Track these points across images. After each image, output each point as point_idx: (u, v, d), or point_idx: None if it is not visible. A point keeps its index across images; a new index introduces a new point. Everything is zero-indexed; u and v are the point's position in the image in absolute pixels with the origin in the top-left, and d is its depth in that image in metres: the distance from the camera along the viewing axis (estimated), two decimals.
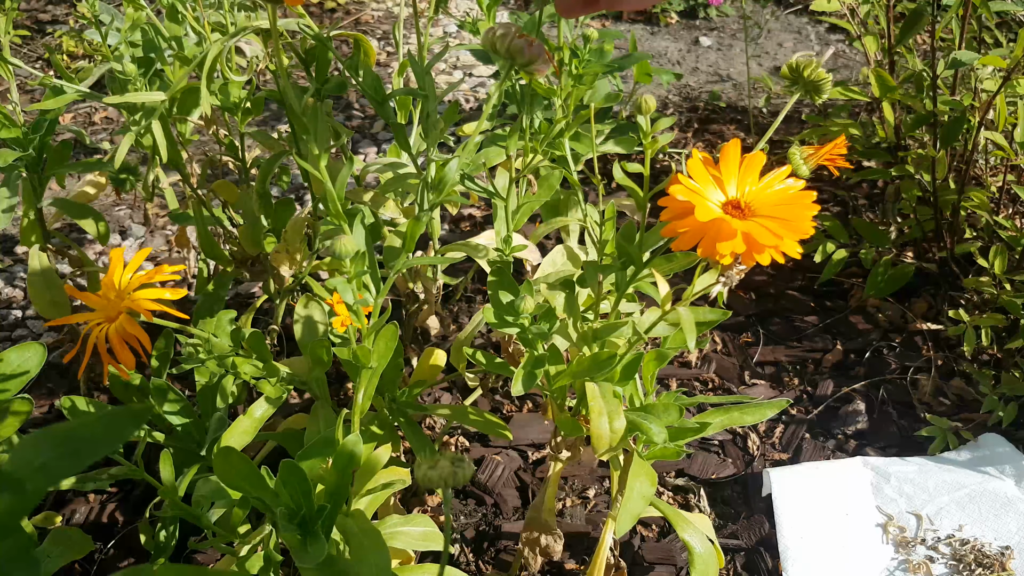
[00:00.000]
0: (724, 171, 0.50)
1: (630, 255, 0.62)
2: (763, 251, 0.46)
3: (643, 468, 0.68)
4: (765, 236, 0.46)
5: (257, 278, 1.05)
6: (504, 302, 0.67)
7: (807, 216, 0.48)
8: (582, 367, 0.67)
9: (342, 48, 1.98)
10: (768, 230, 0.46)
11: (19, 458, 0.21)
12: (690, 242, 0.47)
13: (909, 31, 1.04)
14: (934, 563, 0.86)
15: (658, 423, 0.65)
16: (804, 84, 0.56)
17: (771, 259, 0.46)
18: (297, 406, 1.05)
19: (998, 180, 1.14)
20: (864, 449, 1.01)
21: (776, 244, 0.46)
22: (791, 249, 0.46)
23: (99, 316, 0.58)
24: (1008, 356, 1.08)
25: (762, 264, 0.47)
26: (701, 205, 0.46)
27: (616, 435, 0.64)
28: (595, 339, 0.68)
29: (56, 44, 1.90)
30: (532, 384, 0.67)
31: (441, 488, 0.41)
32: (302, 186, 1.51)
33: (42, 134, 0.92)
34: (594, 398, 0.65)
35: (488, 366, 0.73)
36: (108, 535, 0.91)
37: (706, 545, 0.72)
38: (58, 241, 1.08)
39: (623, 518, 0.65)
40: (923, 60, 1.15)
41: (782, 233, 0.46)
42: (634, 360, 0.67)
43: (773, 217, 0.48)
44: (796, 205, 0.49)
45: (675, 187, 0.47)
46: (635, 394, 0.72)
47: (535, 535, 0.80)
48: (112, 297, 0.57)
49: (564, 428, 0.73)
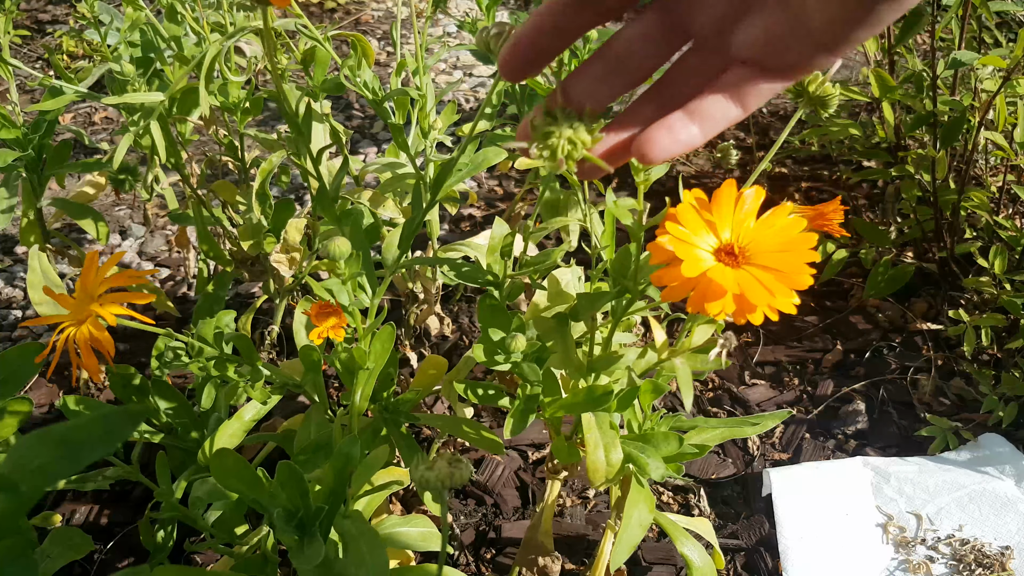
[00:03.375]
0: (717, 214, 0.46)
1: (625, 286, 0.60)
2: (755, 310, 0.43)
3: (641, 495, 0.66)
4: (757, 294, 0.43)
5: (257, 278, 1.05)
6: (495, 339, 0.65)
7: (804, 267, 0.44)
8: (577, 400, 0.65)
9: (341, 48, 1.98)
10: (761, 284, 0.44)
11: (15, 460, 0.21)
12: (679, 295, 0.44)
13: (909, 31, 1.04)
14: (934, 563, 0.86)
15: (656, 456, 0.63)
16: (810, 99, 0.55)
17: (762, 318, 0.43)
18: (299, 407, 1.05)
19: (998, 180, 1.14)
20: (864, 449, 1.01)
21: (769, 301, 0.43)
22: (785, 305, 0.43)
23: (70, 318, 0.57)
24: (1008, 356, 1.08)
25: (753, 323, 0.45)
26: (689, 258, 0.44)
27: (612, 468, 0.62)
28: (590, 371, 0.66)
29: (56, 44, 1.90)
30: (523, 427, 0.65)
31: (438, 490, 0.41)
32: (302, 186, 1.51)
33: (41, 134, 0.92)
34: (590, 430, 0.63)
35: (482, 400, 0.71)
36: (108, 535, 0.91)
37: (704, 557, 0.71)
38: (58, 241, 1.08)
39: (619, 549, 0.64)
40: (923, 60, 1.15)
41: (775, 288, 0.43)
42: (630, 392, 0.65)
43: (768, 268, 0.45)
44: (794, 252, 0.45)
45: (662, 237, 0.44)
46: (633, 418, 0.70)
47: (532, 557, 0.78)
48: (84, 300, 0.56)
49: (560, 456, 0.72)
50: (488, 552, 0.90)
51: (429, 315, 1.08)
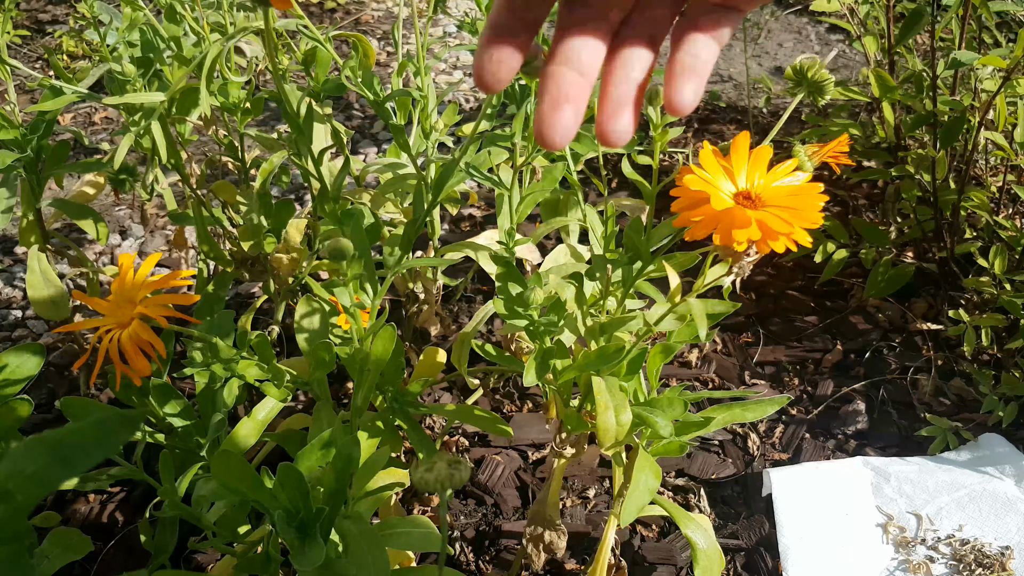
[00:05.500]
0: (734, 162, 0.51)
1: (637, 249, 0.62)
2: (777, 238, 0.47)
3: (648, 462, 0.68)
4: (778, 224, 0.47)
5: (257, 278, 1.05)
6: (514, 293, 0.67)
7: (816, 206, 0.49)
8: (589, 360, 0.67)
9: (342, 48, 1.98)
10: (780, 219, 0.47)
11: (9, 467, 0.21)
12: (705, 230, 0.48)
13: (909, 31, 1.04)
14: (934, 563, 0.86)
15: (664, 417, 0.65)
16: (808, 85, 0.57)
17: (784, 247, 0.47)
18: (296, 407, 1.05)
19: (998, 180, 1.14)
20: (864, 449, 1.01)
21: (789, 231, 0.47)
22: (802, 237, 0.47)
23: (109, 322, 0.57)
24: (1008, 356, 1.07)
25: (776, 251, 0.48)
26: (715, 195, 0.47)
27: (623, 428, 0.64)
28: (602, 333, 0.68)
29: (56, 44, 1.90)
30: (544, 373, 0.67)
31: (437, 490, 0.41)
32: (302, 186, 1.51)
33: (40, 135, 0.92)
34: (600, 392, 0.65)
35: (498, 358, 0.74)
36: (108, 535, 0.91)
37: (710, 541, 0.72)
38: (57, 241, 1.08)
39: (628, 508, 0.65)
40: (923, 60, 1.15)
41: (793, 222, 0.47)
42: (640, 354, 0.68)
43: (783, 207, 0.49)
44: (804, 196, 0.50)
45: (689, 177, 0.48)
46: (639, 390, 0.72)
47: (538, 531, 0.80)
48: (123, 303, 0.56)
49: (570, 423, 0.73)
50: (489, 551, 0.90)
51: (430, 315, 1.08)
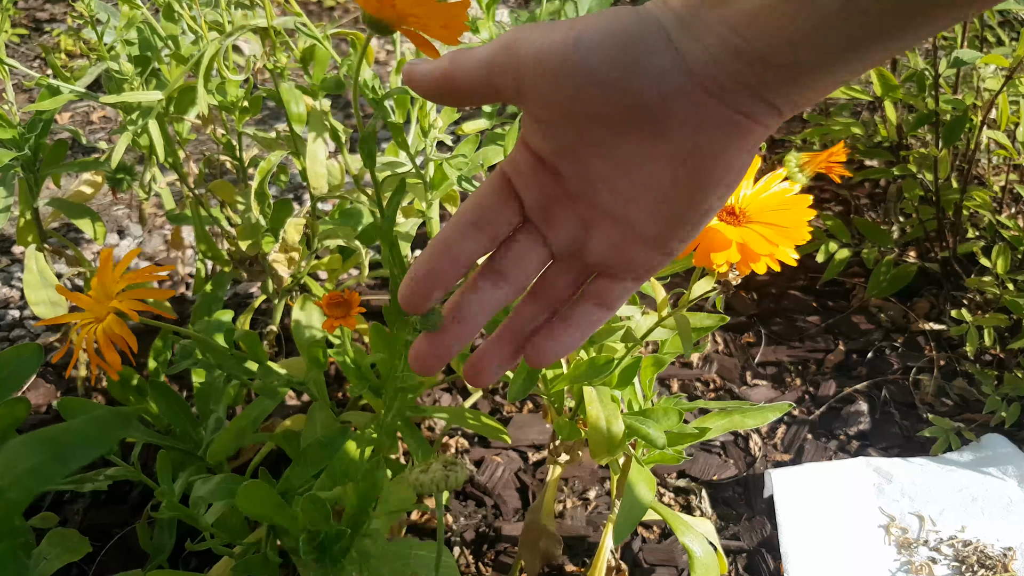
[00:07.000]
0: None
1: None
2: (758, 259, 0.46)
3: (642, 474, 0.67)
4: (760, 244, 0.46)
5: (255, 278, 1.04)
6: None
7: (803, 222, 0.48)
8: (579, 371, 0.66)
9: (341, 46, 1.98)
10: (763, 238, 0.47)
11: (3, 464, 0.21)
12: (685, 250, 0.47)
13: None
14: (936, 564, 0.85)
15: (657, 428, 0.64)
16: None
17: (766, 268, 0.47)
18: (296, 407, 1.05)
19: (1001, 179, 1.14)
20: (866, 450, 1.01)
21: (771, 252, 0.46)
22: (786, 256, 0.47)
23: (88, 316, 0.57)
24: (1011, 356, 1.07)
25: (758, 272, 0.47)
26: None
27: (614, 440, 0.63)
28: (592, 343, 0.67)
29: (53, 43, 1.90)
30: (528, 390, 0.66)
31: (433, 493, 0.40)
32: (301, 185, 1.50)
33: (38, 134, 0.91)
34: (591, 403, 0.64)
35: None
36: (106, 536, 0.90)
37: (706, 548, 0.71)
38: (55, 241, 1.07)
39: (619, 527, 0.64)
40: (925, 59, 1.15)
41: (777, 240, 0.47)
42: (632, 365, 0.66)
43: (768, 224, 0.48)
44: (792, 210, 0.49)
45: None
46: (634, 398, 0.71)
47: (534, 538, 0.79)
48: (102, 297, 0.56)
49: (562, 432, 0.73)
50: (488, 553, 0.90)
51: None
